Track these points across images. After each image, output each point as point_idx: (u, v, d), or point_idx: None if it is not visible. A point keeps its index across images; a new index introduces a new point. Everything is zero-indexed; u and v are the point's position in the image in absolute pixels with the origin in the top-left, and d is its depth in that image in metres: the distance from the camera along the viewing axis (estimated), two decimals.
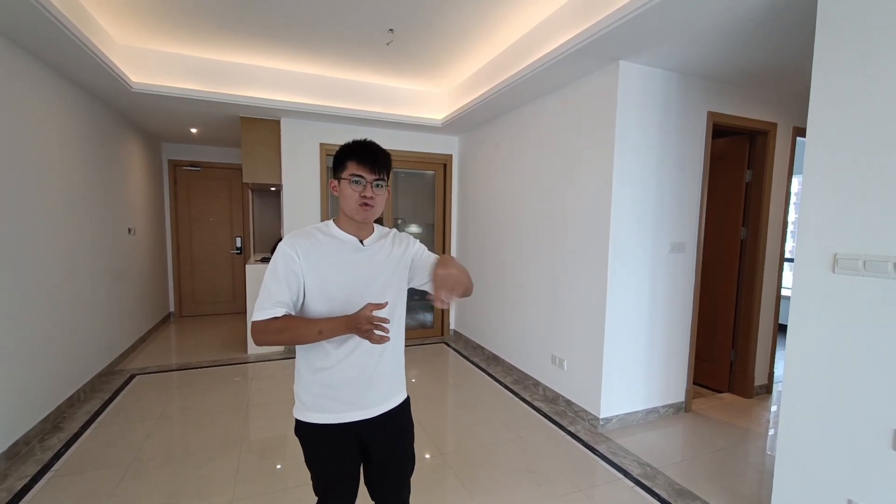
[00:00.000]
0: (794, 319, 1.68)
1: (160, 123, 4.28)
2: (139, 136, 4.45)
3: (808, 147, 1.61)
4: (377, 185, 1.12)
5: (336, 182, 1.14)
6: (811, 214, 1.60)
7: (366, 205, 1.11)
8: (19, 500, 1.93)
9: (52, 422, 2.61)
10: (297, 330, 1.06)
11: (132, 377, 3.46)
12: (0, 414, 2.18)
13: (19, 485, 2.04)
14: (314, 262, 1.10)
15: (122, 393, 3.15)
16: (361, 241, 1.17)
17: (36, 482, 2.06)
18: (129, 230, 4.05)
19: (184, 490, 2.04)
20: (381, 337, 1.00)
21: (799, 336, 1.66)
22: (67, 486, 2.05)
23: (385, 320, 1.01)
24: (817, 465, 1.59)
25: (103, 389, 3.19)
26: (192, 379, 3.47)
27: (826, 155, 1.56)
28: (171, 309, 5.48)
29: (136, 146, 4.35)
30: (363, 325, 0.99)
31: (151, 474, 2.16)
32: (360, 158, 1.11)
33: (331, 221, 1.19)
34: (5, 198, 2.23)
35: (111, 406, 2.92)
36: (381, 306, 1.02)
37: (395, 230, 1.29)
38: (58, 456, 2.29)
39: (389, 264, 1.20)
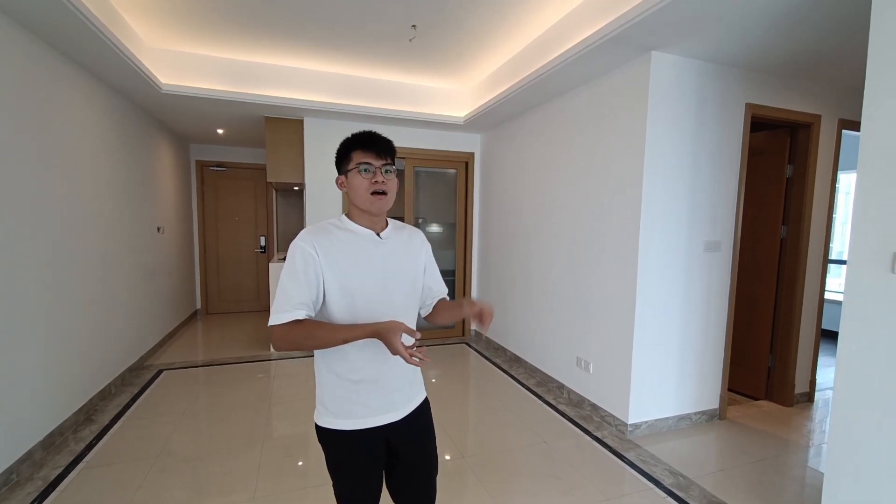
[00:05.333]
0: (846, 323, 1.55)
1: (188, 124, 4.39)
2: (168, 137, 4.57)
3: (864, 139, 1.49)
4: (386, 171, 1.09)
5: (343, 178, 1.11)
6: (867, 211, 1.48)
7: (378, 192, 1.07)
8: (53, 489, 1.99)
9: (86, 413, 2.69)
10: (319, 339, 1.02)
11: (160, 372, 3.55)
12: (38, 405, 2.25)
13: (54, 474, 2.10)
14: (333, 258, 1.05)
15: (151, 387, 3.23)
16: (378, 234, 1.13)
17: (69, 472, 2.12)
18: (159, 229, 4.17)
19: (208, 485, 2.06)
20: (418, 360, 0.98)
21: (852, 341, 1.53)
22: (98, 477, 2.10)
23: (423, 357, 0.99)
24: (874, 483, 1.47)
25: (133, 383, 3.28)
26: (217, 375, 3.53)
27: (884, 147, 1.43)
28: (198, 306, 5.62)
29: (166, 147, 4.47)
30: (394, 350, 0.97)
31: (177, 468, 2.19)
32: (363, 146, 1.08)
33: (343, 216, 1.14)
34: (46, 196, 2.31)
35: (140, 400, 3.00)
36: (414, 332, 1.00)
37: (409, 225, 1.26)
38: (90, 447, 2.36)
39: (409, 259, 1.17)
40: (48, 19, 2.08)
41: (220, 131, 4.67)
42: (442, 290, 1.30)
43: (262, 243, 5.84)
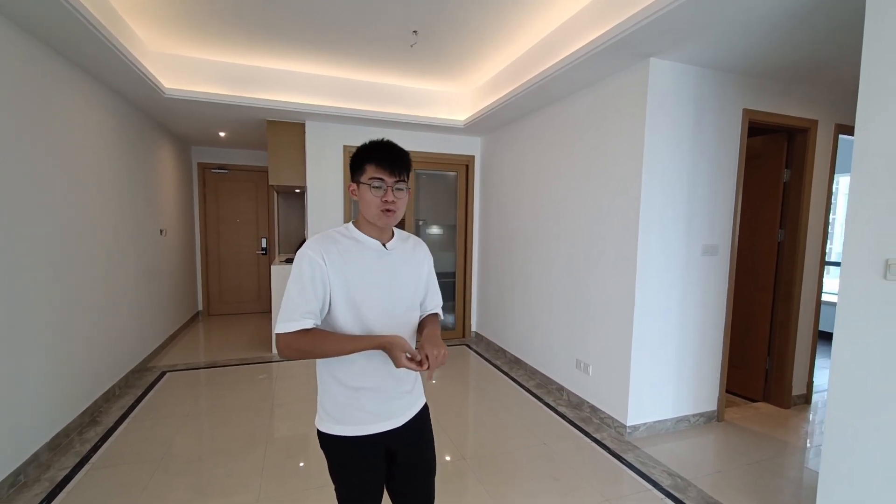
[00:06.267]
0: (840, 327, 1.58)
1: (190, 127, 4.41)
2: (170, 140, 4.60)
3: (857, 144, 1.51)
4: (398, 188, 1.09)
5: (355, 186, 1.12)
6: (861, 217, 1.50)
7: (387, 210, 1.09)
8: (60, 490, 2.02)
9: (90, 415, 2.72)
10: (325, 349, 1.05)
11: (163, 374, 3.57)
12: (44, 406, 2.28)
13: (60, 475, 2.13)
14: (340, 268, 1.07)
15: (154, 389, 3.25)
16: (384, 245, 1.15)
17: (75, 474, 2.15)
18: (161, 231, 4.19)
19: (211, 486, 2.09)
20: (417, 368, 1.04)
21: (846, 345, 1.56)
22: (103, 478, 2.13)
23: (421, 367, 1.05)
24: (868, 484, 1.49)
25: (136, 385, 3.31)
26: (220, 377, 3.56)
27: (877, 153, 1.46)
28: (200, 308, 5.65)
29: (168, 149, 4.50)
30: (399, 365, 1.03)
31: (181, 470, 2.22)
32: (378, 161, 1.07)
33: (350, 224, 1.16)
34: (49, 198, 2.34)
35: (143, 402, 3.02)
36: (415, 354, 1.04)
37: (413, 236, 1.28)
38: (95, 449, 2.38)
39: (412, 270, 1.20)
40: (50, 22, 2.09)
41: (221, 134, 4.70)
42: (433, 306, 1.29)
43: (264, 245, 5.87)
